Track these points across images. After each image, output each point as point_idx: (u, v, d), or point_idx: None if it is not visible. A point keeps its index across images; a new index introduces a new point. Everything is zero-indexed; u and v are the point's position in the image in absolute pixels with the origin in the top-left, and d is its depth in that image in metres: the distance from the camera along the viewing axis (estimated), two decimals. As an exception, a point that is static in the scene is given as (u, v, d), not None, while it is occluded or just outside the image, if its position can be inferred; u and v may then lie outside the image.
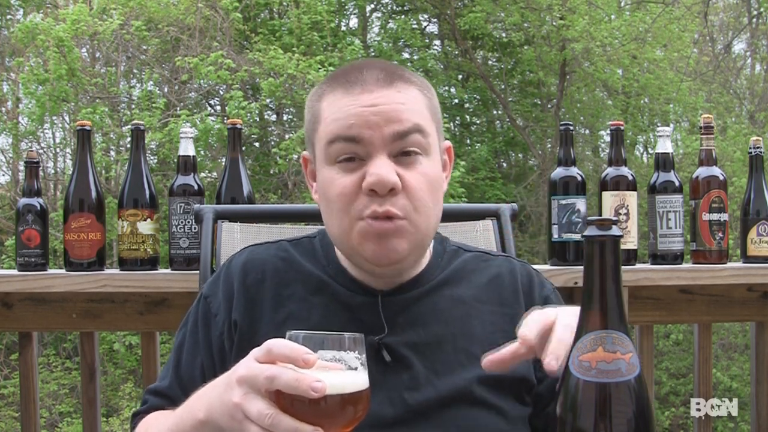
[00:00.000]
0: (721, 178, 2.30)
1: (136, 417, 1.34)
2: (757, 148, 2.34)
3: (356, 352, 1.00)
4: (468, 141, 11.21)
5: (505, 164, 11.58)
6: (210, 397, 1.06)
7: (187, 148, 2.26)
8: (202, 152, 7.93)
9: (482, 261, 1.40)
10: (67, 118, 8.61)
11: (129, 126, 3.37)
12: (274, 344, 0.98)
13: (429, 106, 1.28)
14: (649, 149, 10.34)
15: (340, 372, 0.99)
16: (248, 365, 0.99)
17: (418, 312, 1.30)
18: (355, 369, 1.00)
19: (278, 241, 1.41)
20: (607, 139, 5.29)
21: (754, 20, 10.70)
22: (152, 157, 8.08)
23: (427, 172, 1.24)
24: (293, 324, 1.09)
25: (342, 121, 1.22)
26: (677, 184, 2.30)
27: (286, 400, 0.96)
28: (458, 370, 1.27)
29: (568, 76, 10.02)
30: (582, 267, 0.97)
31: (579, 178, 2.26)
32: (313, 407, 0.96)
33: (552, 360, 0.99)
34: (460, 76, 11.29)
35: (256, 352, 1.00)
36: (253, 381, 0.98)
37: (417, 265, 1.33)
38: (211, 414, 1.04)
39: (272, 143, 9.03)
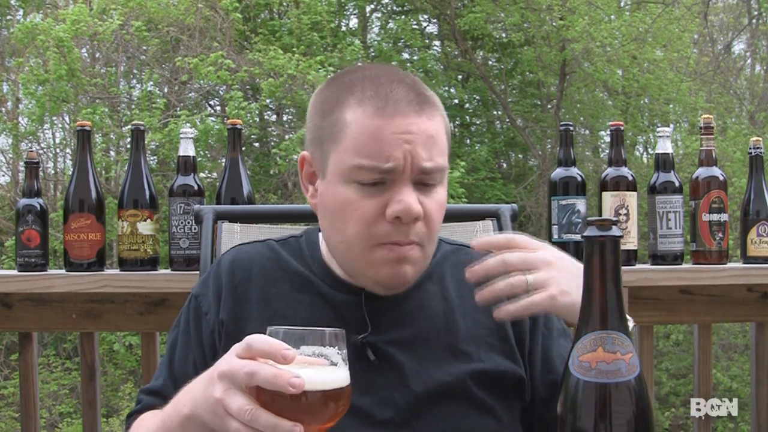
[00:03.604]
0: (721, 178, 2.30)
1: (131, 417, 1.34)
2: (757, 148, 2.34)
3: (337, 347, 1.00)
4: (468, 141, 11.20)
5: (505, 164, 11.57)
6: (194, 392, 1.07)
7: (187, 149, 2.26)
8: (202, 152, 7.93)
9: (463, 254, 1.40)
10: (67, 119, 8.60)
11: (129, 126, 3.37)
12: (254, 340, 0.99)
13: (447, 132, 1.28)
14: (649, 149, 10.33)
15: (321, 368, 0.99)
16: (229, 361, 1.00)
17: (402, 309, 1.31)
18: (336, 364, 1.00)
19: (266, 240, 1.42)
20: (607, 139, 5.29)
21: (754, 21, 10.70)
22: (152, 158, 8.07)
23: (442, 201, 1.27)
24: (280, 321, 1.10)
25: (374, 147, 1.20)
26: (677, 184, 2.30)
27: (267, 396, 0.97)
28: (445, 367, 1.28)
29: (568, 77, 10.02)
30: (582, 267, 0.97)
31: (579, 179, 2.26)
32: (293, 403, 0.96)
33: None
34: (459, 77, 11.28)
35: (237, 347, 1.01)
36: (233, 376, 0.98)
37: None
38: (195, 409, 1.05)
39: (272, 143, 9.02)
